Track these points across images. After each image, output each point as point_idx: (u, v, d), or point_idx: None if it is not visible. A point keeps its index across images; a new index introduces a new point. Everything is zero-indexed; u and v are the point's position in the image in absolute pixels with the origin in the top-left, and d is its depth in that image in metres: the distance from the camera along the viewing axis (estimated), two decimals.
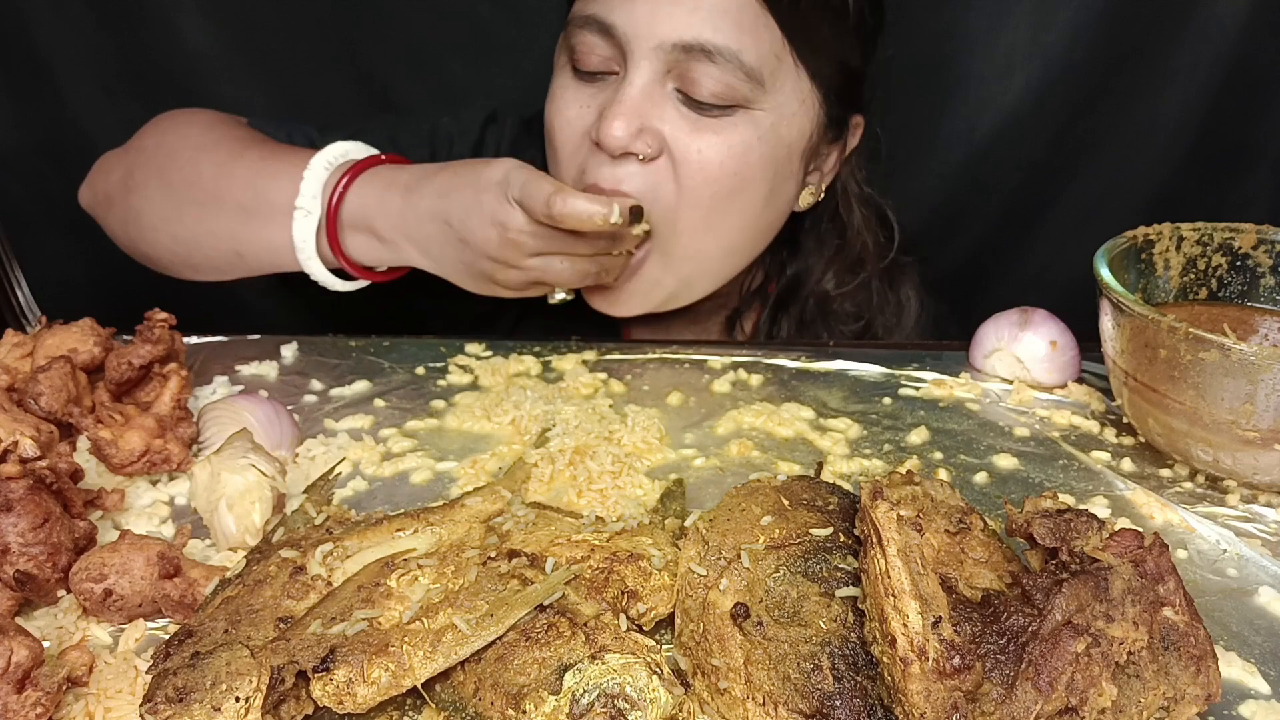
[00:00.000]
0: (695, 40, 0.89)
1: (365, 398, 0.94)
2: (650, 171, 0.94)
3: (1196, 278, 0.91)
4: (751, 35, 0.90)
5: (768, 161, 0.96)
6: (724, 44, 0.89)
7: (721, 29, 0.89)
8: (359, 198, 0.92)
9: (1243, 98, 1.36)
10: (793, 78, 0.95)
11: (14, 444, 0.70)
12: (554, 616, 0.57)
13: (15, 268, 1.28)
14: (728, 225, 0.99)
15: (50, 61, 1.39)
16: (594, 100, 0.95)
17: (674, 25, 0.89)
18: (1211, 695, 0.55)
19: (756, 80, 0.91)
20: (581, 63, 0.95)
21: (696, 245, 0.99)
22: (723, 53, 0.89)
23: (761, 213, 1.01)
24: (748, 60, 0.90)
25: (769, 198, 1.00)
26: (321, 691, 0.54)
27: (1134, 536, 0.57)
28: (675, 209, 0.95)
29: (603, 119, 0.92)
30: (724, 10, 0.89)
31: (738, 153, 0.94)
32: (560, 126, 0.98)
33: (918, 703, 0.50)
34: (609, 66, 0.94)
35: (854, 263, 1.14)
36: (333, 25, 1.40)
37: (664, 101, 0.93)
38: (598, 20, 0.92)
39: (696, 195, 0.95)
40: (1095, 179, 1.46)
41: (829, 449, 0.86)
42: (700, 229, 0.97)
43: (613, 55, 0.93)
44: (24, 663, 0.55)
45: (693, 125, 0.93)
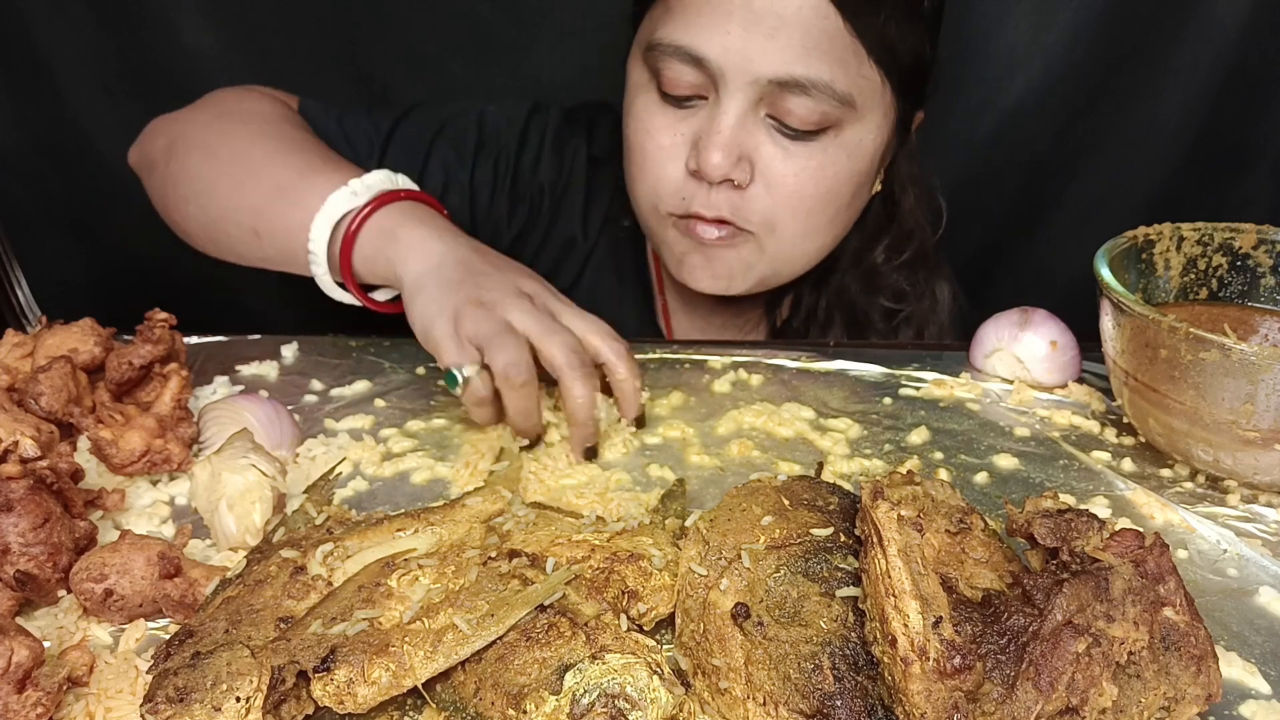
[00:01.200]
0: (790, 76, 0.91)
1: (365, 398, 0.94)
2: (745, 195, 0.97)
3: (1197, 278, 0.91)
4: (842, 64, 0.92)
5: (856, 174, 1.00)
6: (817, 77, 0.91)
7: (813, 63, 0.91)
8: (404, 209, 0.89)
9: (1243, 98, 1.36)
10: (879, 93, 0.97)
11: (14, 444, 0.70)
12: (554, 616, 0.57)
13: (15, 268, 1.28)
14: (819, 230, 1.03)
15: (50, 61, 1.38)
16: (684, 125, 0.97)
17: (768, 61, 0.91)
18: (1212, 695, 0.55)
19: (849, 104, 0.94)
20: (669, 88, 0.96)
21: (790, 246, 1.03)
22: (816, 84, 0.91)
23: (848, 214, 1.06)
24: (840, 89, 0.92)
25: (853, 200, 1.04)
26: (322, 691, 0.54)
27: (1134, 536, 0.57)
28: (772, 220, 0.99)
29: (702, 150, 0.95)
30: (815, 44, 0.91)
31: (830, 174, 0.97)
32: (651, 151, 1.00)
33: (918, 703, 0.50)
34: (698, 92, 0.96)
35: (904, 239, 1.17)
36: (333, 25, 1.40)
37: (757, 129, 0.95)
38: (688, 51, 0.93)
39: (791, 213, 0.99)
40: (1096, 179, 1.46)
41: (829, 449, 0.86)
42: (796, 236, 1.02)
43: (703, 83, 0.95)
44: (24, 663, 0.55)
45: (785, 152, 0.96)
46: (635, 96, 1.01)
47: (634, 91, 1.02)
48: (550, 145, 1.18)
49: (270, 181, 0.94)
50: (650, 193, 1.02)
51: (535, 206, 1.19)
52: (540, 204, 1.18)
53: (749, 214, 0.98)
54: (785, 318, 1.22)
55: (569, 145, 1.19)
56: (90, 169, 1.43)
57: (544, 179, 1.18)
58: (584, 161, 1.19)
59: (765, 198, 0.97)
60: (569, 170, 1.19)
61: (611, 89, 1.27)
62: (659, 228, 1.05)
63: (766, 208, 0.98)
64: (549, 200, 1.19)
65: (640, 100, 1.00)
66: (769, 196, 0.97)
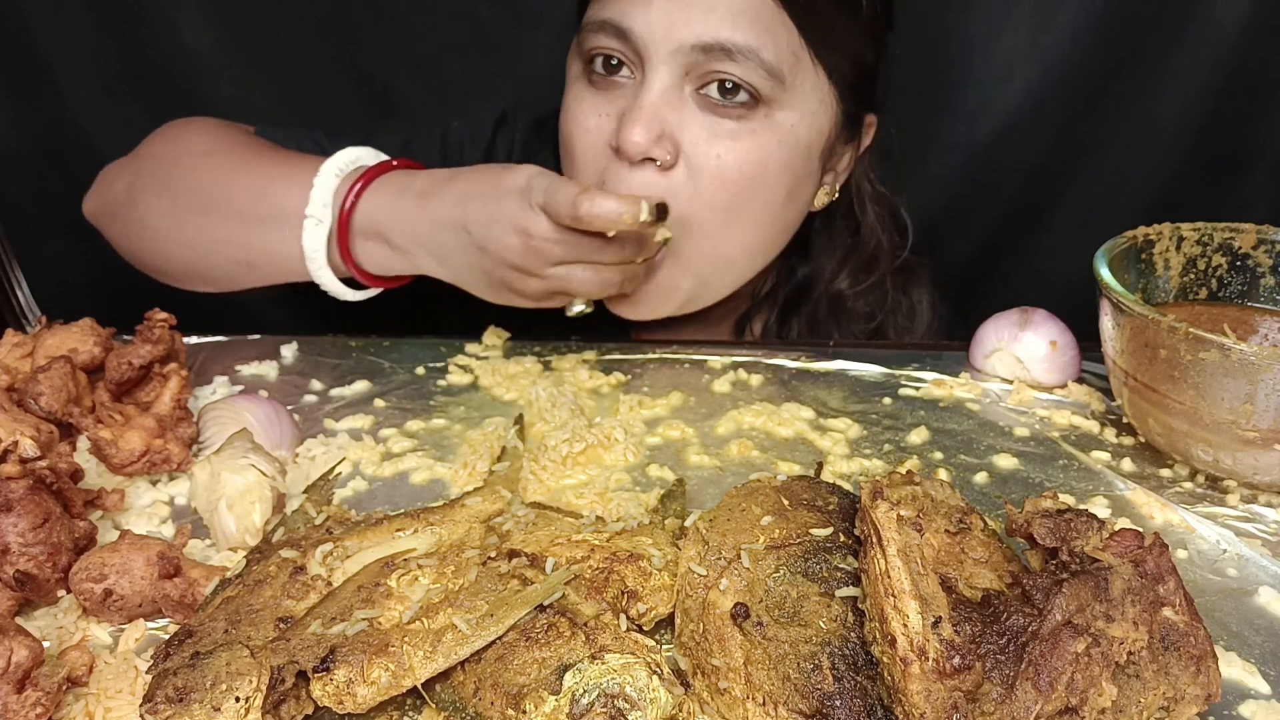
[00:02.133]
0: (715, 40, 0.89)
1: (365, 398, 0.94)
2: (667, 178, 0.93)
3: (1196, 278, 0.91)
4: (769, 33, 0.90)
5: (787, 164, 0.96)
6: (743, 42, 0.89)
7: (740, 27, 0.89)
8: (371, 205, 0.90)
9: (1242, 100, 1.37)
10: (811, 76, 0.95)
11: (14, 444, 0.70)
12: (554, 616, 0.57)
13: (15, 268, 1.28)
14: (745, 227, 0.98)
15: (50, 61, 1.39)
16: (611, 107, 0.95)
17: (691, 27, 0.89)
18: (1211, 695, 0.55)
19: (777, 78, 0.91)
20: (597, 67, 0.95)
21: (714, 248, 0.98)
22: (743, 50, 0.89)
23: (780, 214, 1.01)
24: (767, 58, 0.90)
25: (787, 199, 0.99)
26: (321, 691, 0.54)
27: (1134, 536, 0.57)
28: (693, 213, 0.94)
29: (622, 125, 0.91)
30: (741, 9, 0.89)
31: (756, 158, 0.94)
32: (578, 135, 0.97)
33: (918, 703, 0.50)
34: (625, 72, 0.94)
35: (868, 261, 1.14)
36: (333, 25, 1.40)
37: (682, 105, 0.92)
38: (613, 24, 0.91)
39: (714, 200, 0.94)
40: (1095, 181, 1.46)
41: (829, 449, 0.86)
42: (718, 232, 0.97)
43: (630, 60, 0.93)
44: (24, 663, 0.55)
45: (711, 131, 0.92)
46: (569, 89, 1.00)
47: (568, 85, 1.00)
48: (518, 157, 1.16)
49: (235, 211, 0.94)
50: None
51: None
52: None
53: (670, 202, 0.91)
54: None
55: (538, 156, 1.15)
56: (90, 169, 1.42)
57: None
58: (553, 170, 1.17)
59: (687, 183, 0.93)
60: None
61: None
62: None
63: (687, 197, 0.93)
64: None
65: (573, 91, 0.99)
66: (691, 182, 0.93)
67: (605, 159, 0.95)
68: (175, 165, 0.99)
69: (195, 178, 0.97)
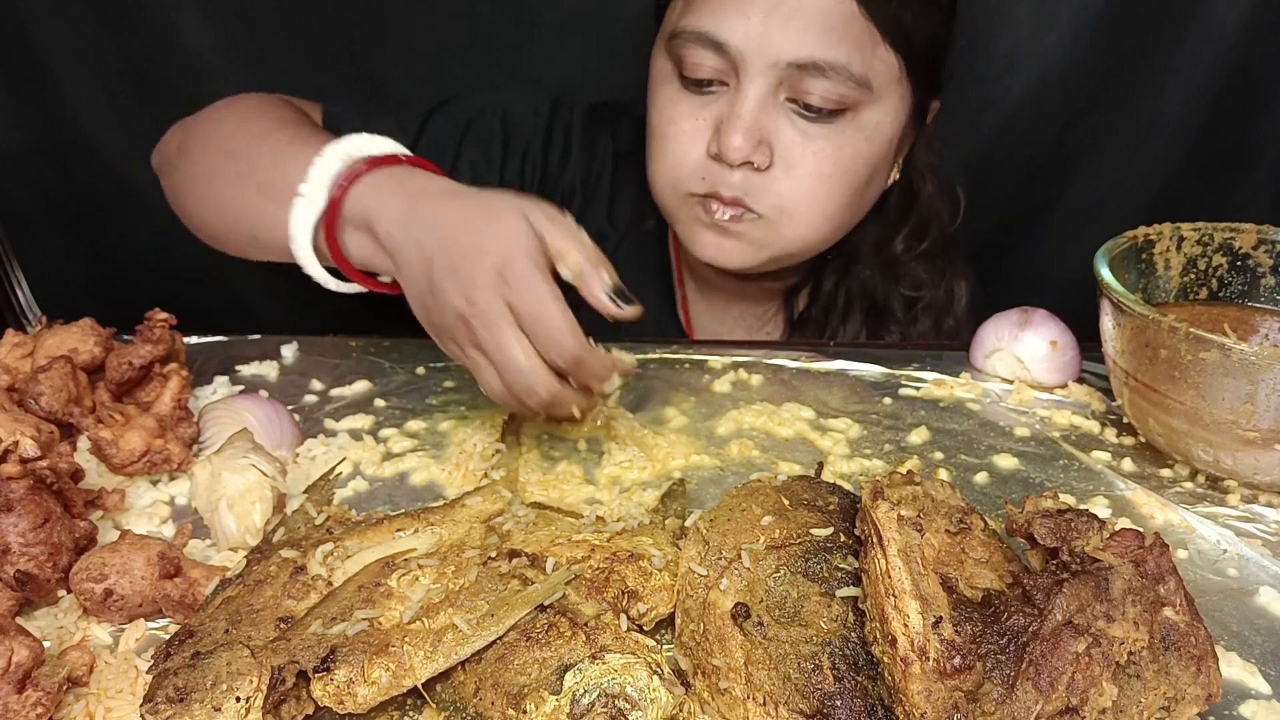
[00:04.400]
0: (809, 59, 0.94)
1: (366, 398, 0.94)
2: (765, 176, 1.00)
3: (1197, 278, 0.91)
4: (859, 46, 0.95)
5: (872, 158, 1.03)
6: (834, 59, 0.94)
7: (831, 44, 0.94)
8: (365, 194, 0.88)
9: (1243, 98, 1.36)
10: (895, 77, 1.00)
11: (14, 444, 0.70)
12: (554, 616, 0.57)
13: (15, 268, 1.28)
14: (833, 213, 1.05)
15: (50, 61, 1.38)
16: (705, 111, 1.00)
17: (787, 44, 0.94)
18: (1212, 695, 0.55)
19: (865, 86, 0.97)
20: (691, 73, 0.99)
21: (805, 232, 1.05)
22: (833, 66, 0.94)
23: (863, 199, 1.08)
24: (856, 71, 0.95)
25: (868, 185, 1.06)
26: (322, 691, 0.54)
27: (1134, 536, 0.57)
28: (788, 204, 1.01)
29: (723, 133, 0.97)
30: (832, 26, 0.94)
31: (846, 155, 1.00)
32: (674, 135, 1.02)
33: (918, 703, 0.50)
34: (719, 78, 0.99)
35: (922, 228, 1.19)
36: (333, 25, 1.40)
37: (777, 113, 0.98)
38: (711, 37, 0.96)
39: (809, 196, 1.01)
40: (1096, 179, 1.46)
41: (829, 449, 0.86)
42: (810, 219, 1.03)
43: (724, 68, 0.98)
44: (24, 663, 0.55)
45: (804, 135, 0.98)
46: (659, 87, 1.04)
47: (658, 82, 1.05)
48: (578, 142, 1.20)
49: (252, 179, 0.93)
50: (671, 175, 1.04)
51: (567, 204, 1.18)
52: (572, 202, 1.20)
53: (763, 197, 1.00)
54: (804, 307, 1.23)
55: (598, 141, 1.21)
56: (90, 169, 1.43)
57: (574, 177, 1.19)
58: (610, 157, 1.21)
59: (785, 181, 1.00)
60: (598, 166, 1.21)
61: (614, 88, 1.27)
62: (677, 208, 1.07)
63: (784, 191, 1.00)
64: (580, 198, 1.20)
65: (664, 90, 1.03)
66: (788, 179, 1.00)
67: (702, 161, 1.01)
68: (218, 127, 1.02)
69: (229, 141, 0.99)
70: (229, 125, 1.01)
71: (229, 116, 1.03)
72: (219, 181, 0.97)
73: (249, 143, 0.97)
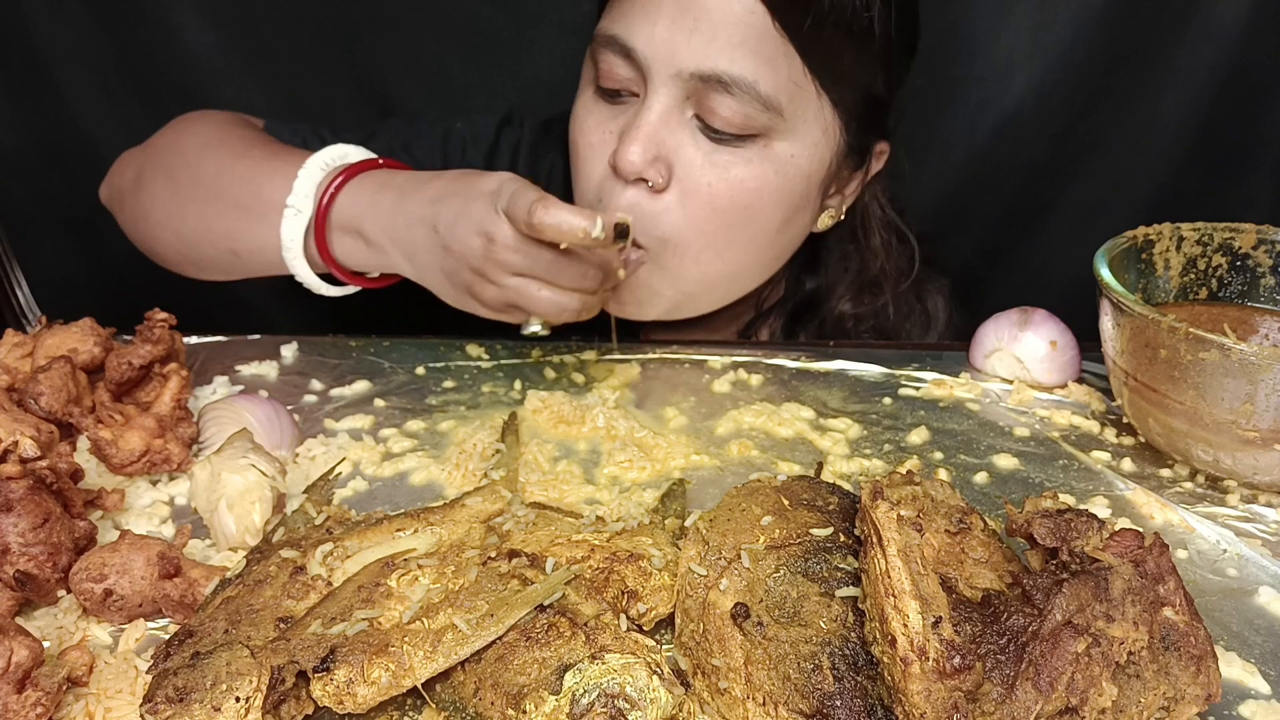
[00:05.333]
0: (712, 71, 0.87)
1: (365, 398, 0.94)
2: (658, 199, 0.93)
3: (1197, 278, 0.91)
4: (770, 65, 0.88)
5: (783, 193, 0.95)
6: (740, 74, 0.87)
7: (738, 59, 0.87)
8: (350, 199, 0.90)
9: (1243, 98, 1.36)
10: (814, 106, 0.93)
11: (14, 444, 0.70)
12: (554, 616, 0.57)
13: (15, 268, 1.28)
14: (735, 252, 0.98)
15: (50, 61, 1.39)
16: (614, 122, 0.94)
17: (691, 54, 0.87)
18: (1212, 695, 0.55)
19: (775, 110, 0.89)
20: (604, 81, 0.94)
21: (700, 269, 0.98)
22: (739, 83, 0.87)
23: (773, 240, 1.00)
24: (765, 90, 0.88)
25: (782, 226, 0.98)
26: (322, 691, 0.54)
27: (1134, 536, 0.57)
28: (680, 235, 0.94)
29: (620, 144, 0.91)
30: (742, 40, 0.87)
31: (750, 188, 0.93)
32: (583, 147, 0.97)
33: (918, 703, 0.50)
34: (630, 88, 0.93)
35: (871, 284, 1.13)
36: (332, 25, 1.40)
37: (681, 129, 0.91)
38: (619, 42, 0.91)
39: (703, 226, 0.94)
40: (1096, 179, 1.46)
41: (829, 449, 0.86)
42: (704, 255, 0.96)
43: (634, 77, 0.92)
44: (24, 663, 0.55)
45: (706, 157, 0.91)
46: (579, 94, 0.99)
47: (579, 90, 1.00)
48: (525, 159, 1.16)
49: (229, 200, 0.95)
50: (582, 190, 0.99)
51: None
52: None
53: (650, 227, 0.93)
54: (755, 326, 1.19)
55: (545, 158, 1.16)
56: (90, 169, 1.43)
57: None
58: (561, 173, 1.15)
59: (676, 208, 0.92)
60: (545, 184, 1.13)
61: None
62: None
63: (674, 219, 0.93)
64: None
65: (581, 98, 0.99)
66: (680, 207, 0.92)
67: (603, 174, 0.95)
68: (180, 154, 1.00)
69: (195, 167, 0.98)
70: (190, 152, 1.00)
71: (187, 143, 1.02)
72: (190, 206, 0.98)
73: (220, 165, 0.97)
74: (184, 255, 1.01)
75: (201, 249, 0.99)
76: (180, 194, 0.98)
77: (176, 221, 0.99)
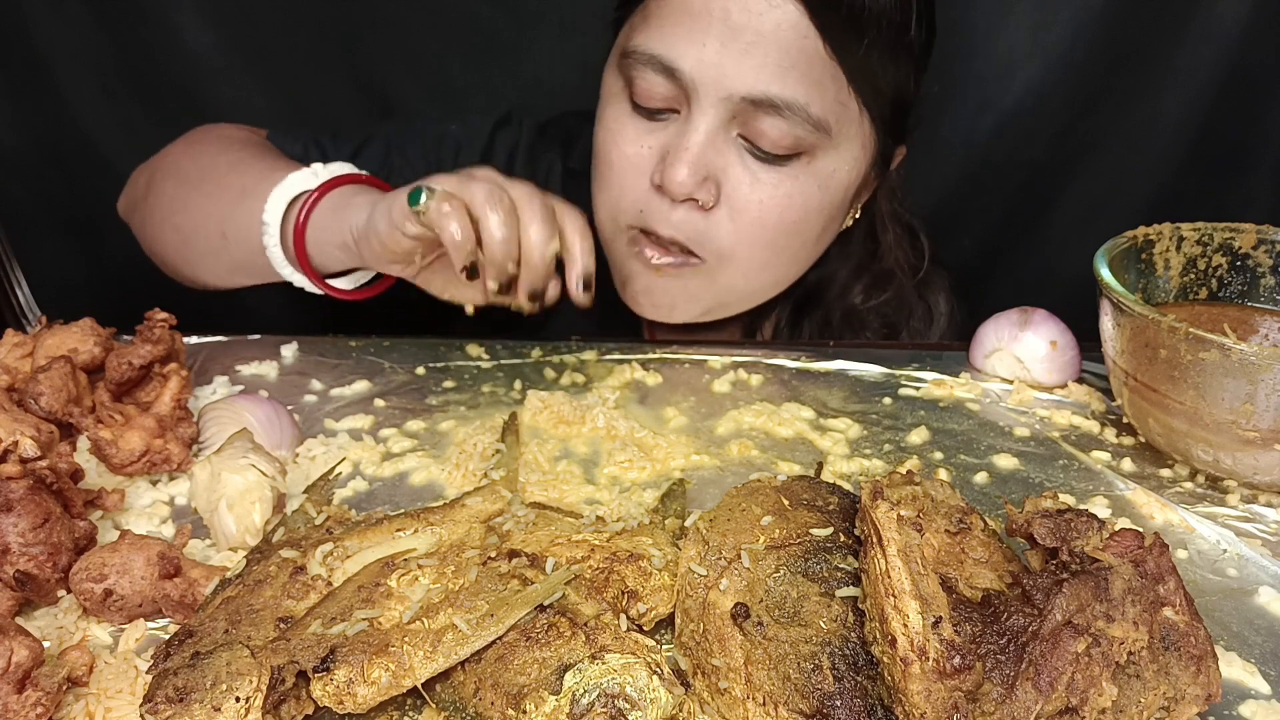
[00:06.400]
0: (764, 95, 0.88)
1: (365, 398, 0.94)
2: (708, 217, 0.94)
3: (1197, 278, 0.91)
4: (819, 87, 0.89)
5: (826, 206, 0.97)
6: (792, 98, 0.88)
7: (789, 83, 0.88)
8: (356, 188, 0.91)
9: (1243, 98, 1.36)
10: (856, 122, 0.94)
11: (14, 444, 0.70)
12: (554, 616, 0.57)
13: (15, 268, 1.28)
14: (779, 264, 1.00)
15: (50, 61, 1.39)
16: (653, 138, 0.94)
17: (742, 78, 0.88)
18: (1212, 695, 0.55)
19: (824, 130, 0.91)
20: (641, 99, 0.93)
21: (746, 280, 1.00)
22: (790, 106, 0.88)
23: (812, 249, 1.03)
24: (814, 112, 0.89)
25: (820, 235, 1.01)
26: (322, 691, 0.54)
27: (1134, 536, 0.57)
28: (731, 250, 0.96)
29: (668, 165, 0.91)
30: (792, 64, 0.88)
31: (797, 204, 0.94)
32: (617, 161, 0.96)
33: (918, 703, 0.50)
34: (670, 105, 0.93)
35: (883, 278, 1.14)
36: (332, 26, 1.40)
37: (727, 149, 0.92)
38: (663, 62, 0.90)
39: (752, 241, 0.95)
40: (1096, 179, 1.46)
41: (829, 449, 0.86)
42: (751, 267, 0.98)
43: (675, 96, 0.92)
44: (24, 663, 0.55)
45: (754, 177, 0.92)
46: (607, 105, 0.98)
47: (606, 99, 0.99)
48: (522, 160, 1.15)
49: (235, 187, 0.95)
50: (611, 203, 0.99)
51: None
52: None
53: (706, 241, 0.95)
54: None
55: (542, 159, 1.16)
56: (90, 169, 1.44)
57: None
58: (559, 175, 1.16)
59: (727, 224, 0.94)
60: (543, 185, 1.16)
61: None
62: (613, 239, 1.02)
63: (726, 235, 0.94)
64: None
65: (611, 109, 0.98)
66: (731, 223, 0.94)
67: (645, 190, 0.95)
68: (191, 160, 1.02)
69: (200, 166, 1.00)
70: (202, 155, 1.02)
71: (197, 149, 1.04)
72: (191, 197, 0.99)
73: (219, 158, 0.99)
74: (179, 251, 1.02)
75: (195, 237, 0.99)
76: (182, 188, 1.00)
77: (178, 215, 1.00)
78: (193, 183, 0.99)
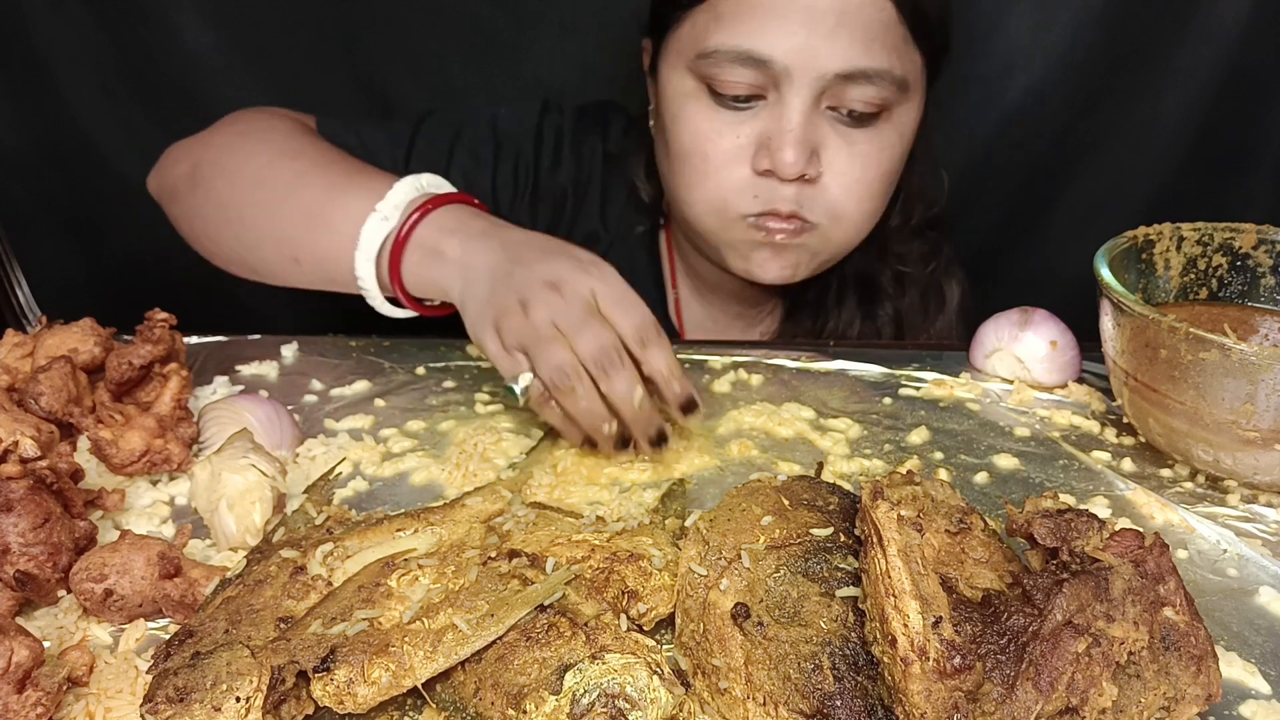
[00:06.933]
0: (856, 68, 0.95)
1: (365, 398, 0.94)
2: (815, 187, 1.01)
3: (1197, 278, 0.91)
4: (897, 52, 0.97)
5: (904, 154, 1.06)
6: (880, 66, 0.96)
7: (875, 53, 0.95)
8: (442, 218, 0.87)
9: (1243, 98, 1.36)
10: (920, 73, 1.03)
11: (14, 444, 0.70)
12: (554, 616, 0.57)
13: (15, 268, 1.28)
14: (874, 211, 1.08)
15: (50, 61, 1.38)
16: (745, 127, 0.99)
17: (833, 57, 0.94)
18: (1212, 695, 0.55)
19: (904, 88, 0.99)
20: (726, 90, 0.98)
21: (852, 232, 1.07)
22: (879, 74, 0.96)
23: (894, 187, 1.10)
24: (898, 74, 0.97)
25: (899, 173, 1.09)
26: (322, 691, 0.54)
27: (1134, 536, 0.57)
28: (840, 210, 1.03)
29: (775, 150, 0.97)
30: (875, 36, 0.95)
31: (886, 156, 1.02)
32: (713, 155, 1.01)
33: (918, 703, 0.50)
34: (756, 92, 0.98)
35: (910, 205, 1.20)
36: (332, 25, 1.40)
37: (820, 121, 0.99)
38: (752, 56, 0.95)
39: (858, 199, 1.03)
40: (1096, 179, 1.46)
41: (829, 449, 0.86)
42: (857, 221, 1.06)
43: (762, 83, 0.97)
44: (24, 663, 0.55)
45: (849, 141, 1.00)
46: (684, 105, 1.02)
47: (679, 99, 1.02)
48: (568, 144, 1.19)
49: (301, 206, 0.93)
50: (716, 196, 1.03)
51: (559, 207, 1.19)
52: (564, 204, 1.20)
53: (815, 206, 1.01)
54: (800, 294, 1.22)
55: (586, 143, 1.20)
56: (90, 169, 1.43)
57: (565, 179, 1.19)
58: (600, 158, 1.21)
59: (833, 188, 1.01)
60: (588, 168, 1.21)
61: (613, 89, 1.27)
62: (723, 229, 1.05)
63: (835, 198, 1.02)
64: (572, 200, 1.20)
65: (691, 107, 1.01)
66: (836, 187, 1.01)
67: (749, 177, 1.00)
68: (246, 158, 0.99)
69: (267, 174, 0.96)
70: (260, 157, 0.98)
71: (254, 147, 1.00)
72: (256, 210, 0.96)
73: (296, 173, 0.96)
74: (240, 257, 0.99)
75: (262, 253, 0.97)
76: (243, 197, 0.96)
77: (236, 224, 0.97)
78: (249, 189, 0.96)
